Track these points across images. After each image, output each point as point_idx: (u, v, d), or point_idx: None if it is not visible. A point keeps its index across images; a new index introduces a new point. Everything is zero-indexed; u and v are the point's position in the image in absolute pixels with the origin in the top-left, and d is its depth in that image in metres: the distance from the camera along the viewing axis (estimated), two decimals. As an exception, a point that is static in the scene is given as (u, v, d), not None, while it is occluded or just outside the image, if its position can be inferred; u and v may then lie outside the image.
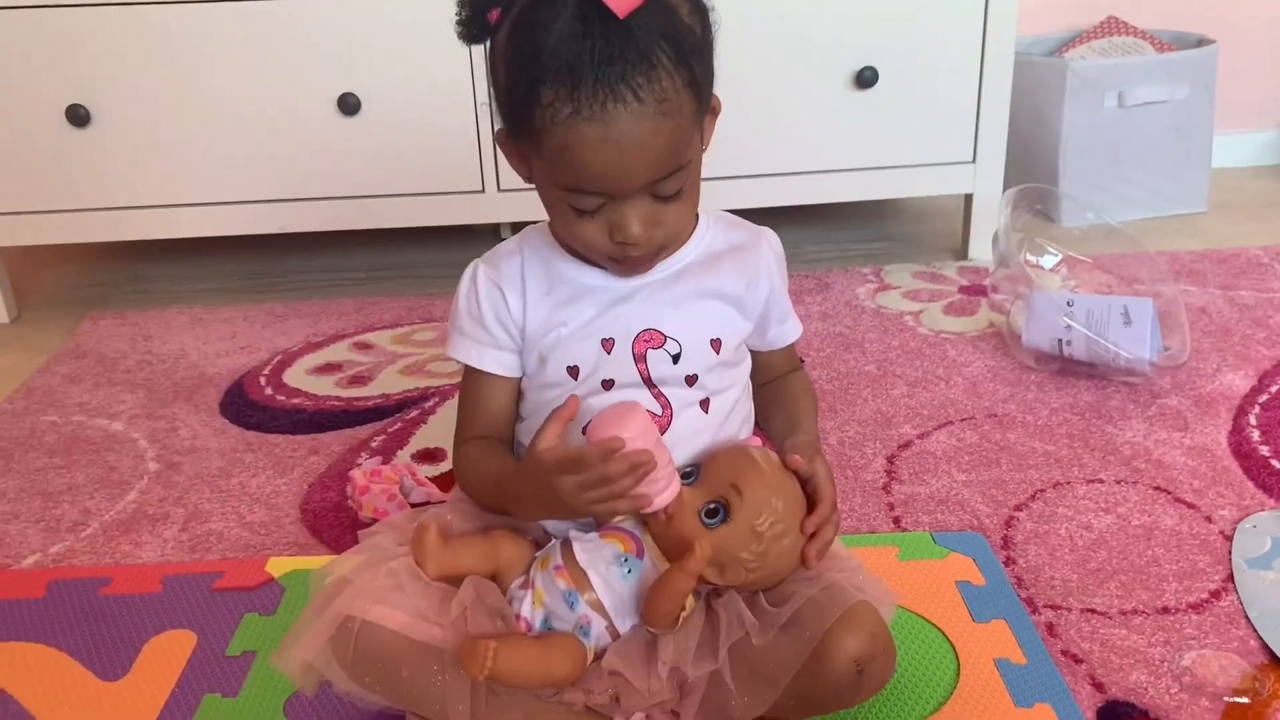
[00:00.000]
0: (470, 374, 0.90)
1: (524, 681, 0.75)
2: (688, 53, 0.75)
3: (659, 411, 0.85)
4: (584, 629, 0.79)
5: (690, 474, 0.81)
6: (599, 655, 0.80)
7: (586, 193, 0.77)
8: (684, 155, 0.77)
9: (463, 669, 0.74)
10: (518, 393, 0.90)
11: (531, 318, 0.86)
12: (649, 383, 0.85)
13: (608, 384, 0.85)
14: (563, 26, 0.72)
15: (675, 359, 0.85)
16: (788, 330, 0.95)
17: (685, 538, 0.77)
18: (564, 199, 0.78)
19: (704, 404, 0.86)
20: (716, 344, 0.87)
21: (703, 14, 0.79)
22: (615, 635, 0.80)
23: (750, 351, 0.94)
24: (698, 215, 0.89)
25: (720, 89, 0.82)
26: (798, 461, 0.82)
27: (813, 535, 0.81)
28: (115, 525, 1.22)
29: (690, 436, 0.85)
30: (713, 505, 0.79)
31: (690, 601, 0.79)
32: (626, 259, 0.81)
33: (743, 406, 0.91)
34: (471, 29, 0.78)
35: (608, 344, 0.85)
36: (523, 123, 0.76)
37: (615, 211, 0.78)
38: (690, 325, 0.86)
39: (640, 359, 0.85)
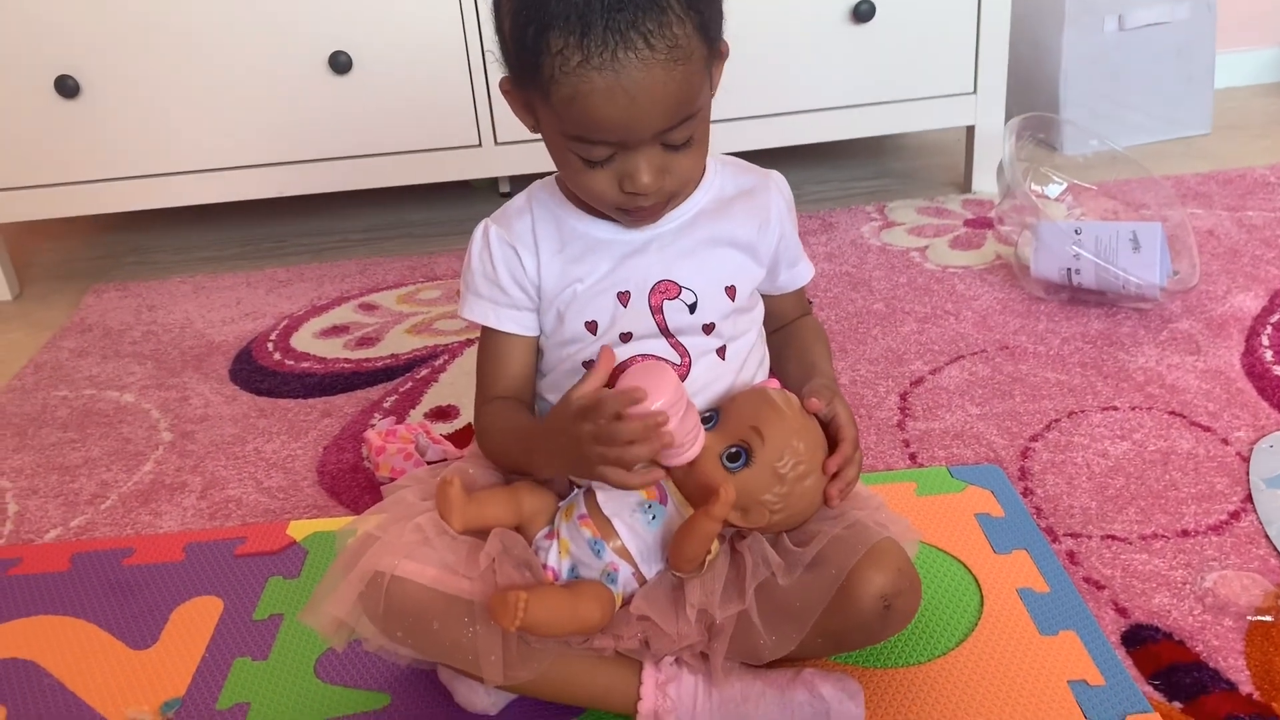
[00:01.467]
0: (488, 335, 0.89)
1: (555, 630, 0.76)
2: None
3: (677, 360, 0.84)
4: (611, 576, 0.79)
5: (710, 418, 0.81)
6: (626, 601, 0.80)
7: (596, 143, 0.75)
8: (695, 103, 0.75)
9: (494, 621, 0.74)
10: (537, 350, 0.89)
11: (546, 275, 0.85)
12: (666, 333, 0.84)
13: (626, 336, 0.84)
14: None
15: (692, 308, 0.84)
16: (799, 274, 0.94)
17: (708, 483, 0.77)
18: (573, 149, 0.77)
19: (720, 351, 0.86)
20: (731, 291, 0.86)
21: None
22: (642, 581, 0.81)
23: (762, 296, 0.93)
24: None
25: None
26: (817, 404, 0.82)
27: (835, 475, 0.81)
28: (134, 496, 1.23)
29: (709, 384, 0.85)
30: (734, 449, 0.79)
31: (715, 545, 0.79)
32: (636, 209, 0.80)
33: (757, 351, 0.90)
34: None
35: (624, 297, 0.84)
36: (530, 71, 0.74)
37: (626, 161, 0.76)
38: (705, 274, 0.85)
39: (657, 310, 0.84)
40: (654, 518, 0.80)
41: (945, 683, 0.86)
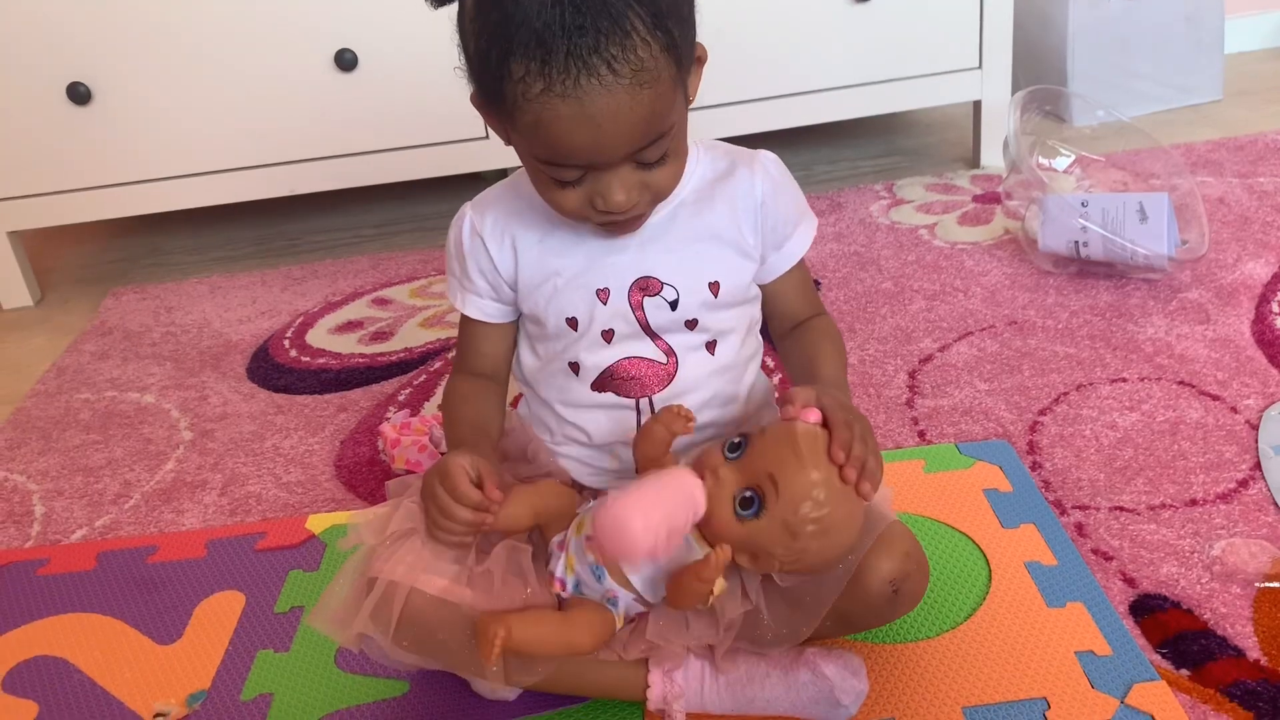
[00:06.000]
0: (462, 315, 0.91)
1: (544, 653, 0.76)
2: (664, 14, 0.70)
3: (663, 360, 0.84)
4: (612, 601, 0.79)
5: (739, 444, 0.76)
6: (629, 619, 0.81)
7: (565, 165, 0.74)
8: (665, 121, 0.73)
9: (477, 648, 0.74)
10: (512, 333, 0.90)
11: (524, 266, 0.85)
12: (649, 331, 0.84)
13: (608, 335, 0.84)
14: None
15: (673, 305, 0.83)
16: (788, 253, 0.89)
17: (718, 528, 0.74)
18: (543, 170, 0.76)
19: (709, 346, 0.86)
20: (715, 287, 0.85)
21: None
22: (646, 604, 0.80)
23: (764, 291, 0.91)
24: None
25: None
26: (791, 412, 0.76)
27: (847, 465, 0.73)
28: (156, 495, 1.25)
29: (700, 381, 0.85)
30: (748, 493, 0.74)
31: (720, 584, 0.75)
32: (612, 224, 0.79)
33: (749, 344, 0.89)
34: None
35: (603, 294, 0.83)
36: (495, 96, 0.73)
37: (597, 181, 0.75)
38: (686, 269, 0.84)
39: (637, 307, 0.83)
40: None
41: (953, 657, 0.87)
